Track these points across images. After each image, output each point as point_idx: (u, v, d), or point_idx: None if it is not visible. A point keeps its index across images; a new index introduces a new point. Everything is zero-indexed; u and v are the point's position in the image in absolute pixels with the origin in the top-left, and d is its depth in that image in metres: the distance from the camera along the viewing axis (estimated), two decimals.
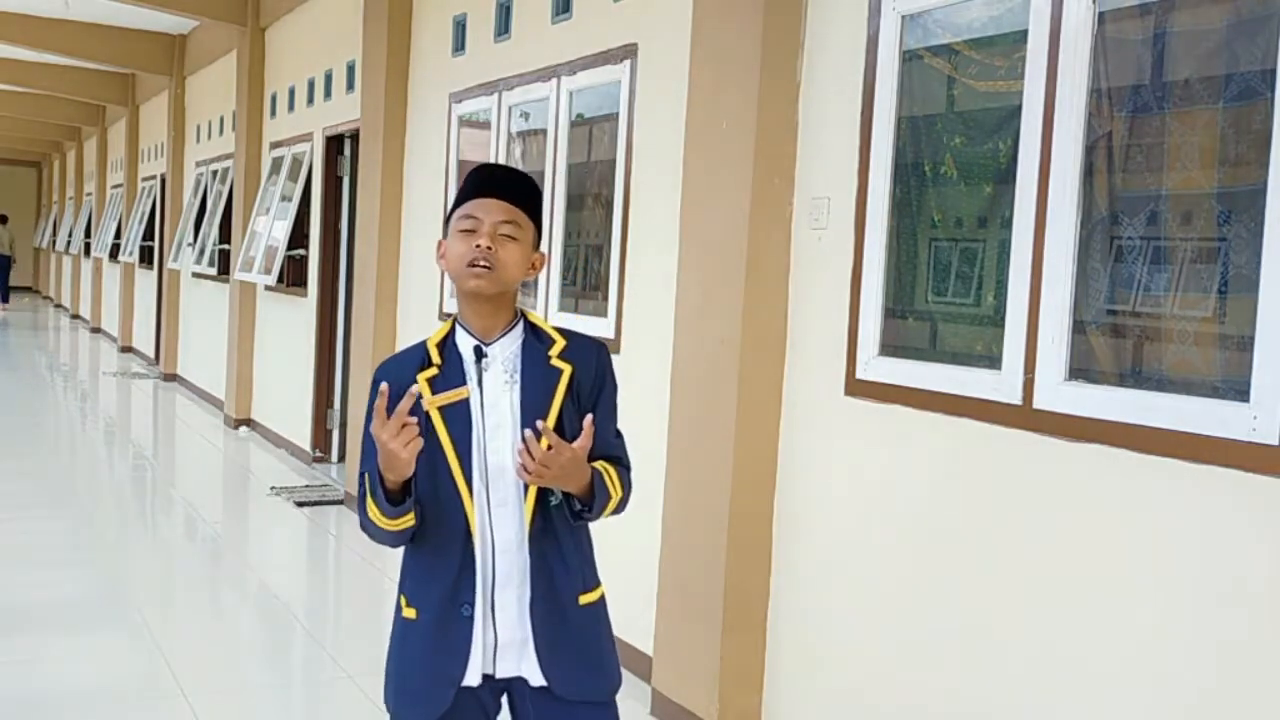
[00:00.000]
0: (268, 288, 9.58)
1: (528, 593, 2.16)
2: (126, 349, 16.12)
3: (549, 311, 5.17)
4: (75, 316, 22.17)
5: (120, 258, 15.89)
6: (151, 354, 14.67)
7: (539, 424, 2.03)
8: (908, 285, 3.38)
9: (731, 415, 3.69)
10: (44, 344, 18.36)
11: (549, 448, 2.01)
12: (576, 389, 2.18)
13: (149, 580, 5.77)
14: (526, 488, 2.14)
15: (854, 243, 3.45)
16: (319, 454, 8.54)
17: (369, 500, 2.12)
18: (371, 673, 4.54)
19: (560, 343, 2.20)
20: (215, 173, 11.58)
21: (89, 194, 20.17)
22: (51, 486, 7.77)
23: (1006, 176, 3.01)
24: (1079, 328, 2.83)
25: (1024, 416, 2.91)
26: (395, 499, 2.08)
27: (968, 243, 3.25)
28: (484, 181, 2.17)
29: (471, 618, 2.15)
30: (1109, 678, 2.70)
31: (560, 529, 2.17)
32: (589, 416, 2.08)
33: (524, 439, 2.03)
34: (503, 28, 5.70)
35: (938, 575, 3.17)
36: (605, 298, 4.71)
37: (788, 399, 3.72)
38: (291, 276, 9.07)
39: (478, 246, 2.09)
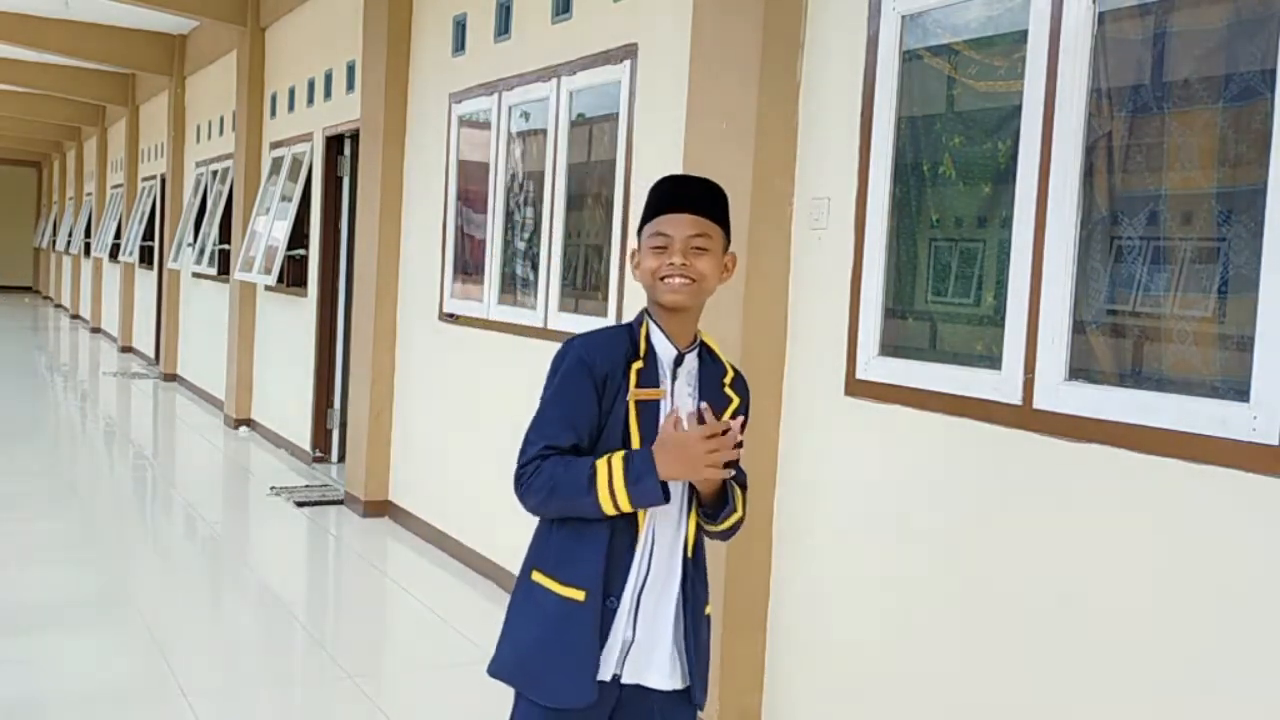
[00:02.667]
0: (268, 288, 9.58)
1: (674, 599, 2.21)
2: (126, 349, 16.12)
3: (549, 311, 5.18)
4: (75, 316, 22.18)
5: (120, 258, 15.90)
6: (151, 354, 14.67)
7: (703, 405, 2.12)
8: (908, 285, 3.38)
9: None
10: (44, 344, 18.35)
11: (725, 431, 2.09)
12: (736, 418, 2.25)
13: (149, 580, 5.77)
14: (692, 498, 2.21)
15: (854, 243, 3.45)
16: (319, 454, 8.54)
17: (612, 487, 2.07)
18: (372, 673, 4.55)
19: (730, 374, 2.31)
20: (215, 173, 11.58)
21: (89, 194, 20.18)
22: (51, 486, 7.77)
23: (1006, 176, 3.01)
24: (1079, 328, 2.83)
25: (1024, 416, 2.91)
26: (662, 495, 2.10)
27: (968, 243, 3.25)
28: (672, 195, 2.23)
29: (615, 611, 2.17)
30: (1109, 677, 2.70)
31: (703, 546, 2.26)
32: (739, 418, 2.16)
33: (705, 418, 2.09)
34: (503, 28, 5.70)
35: (938, 575, 3.17)
36: (605, 298, 4.71)
37: (788, 399, 3.72)
38: (291, 276, 9.07)
39: (671, 264, 2.16)
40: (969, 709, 3.06)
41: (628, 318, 4.53)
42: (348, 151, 8.25)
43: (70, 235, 22.07)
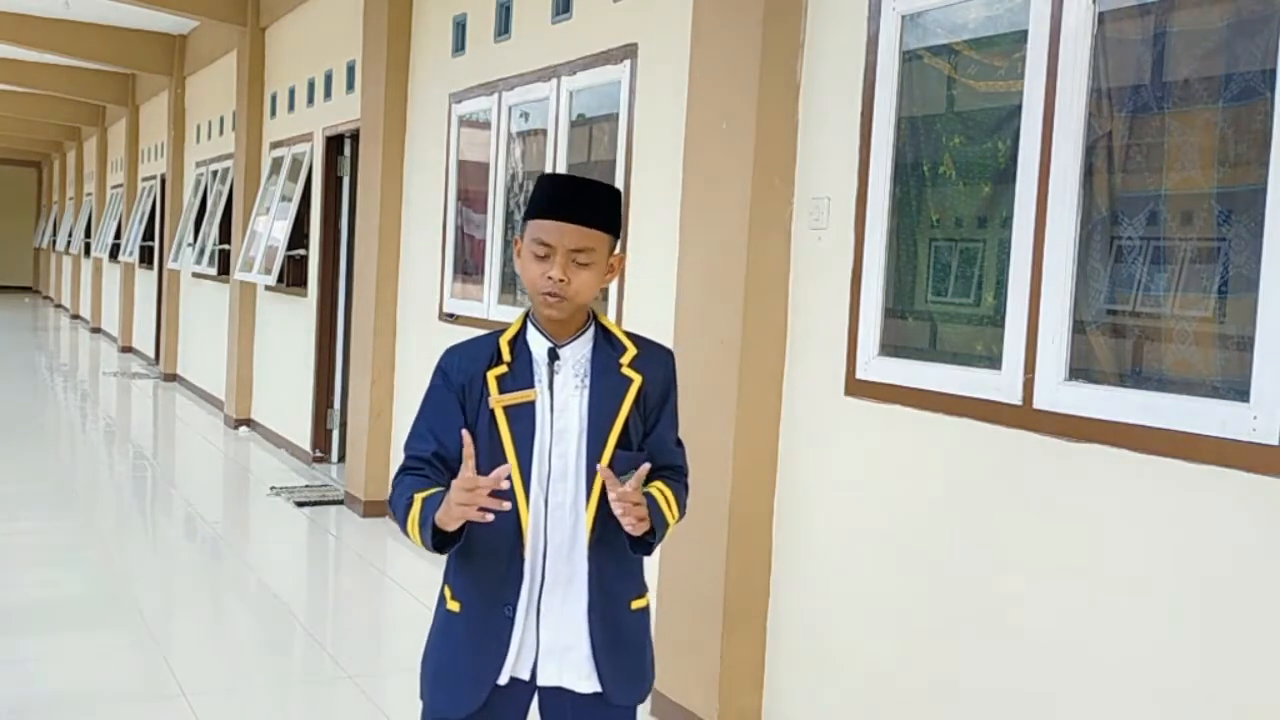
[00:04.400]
0: (268, 288, 9.58)
1: (583, 599, 2.16)
2: (126, 349, 16.12)
3: None
4: (75, 317, 22.17)
5: (120, 258, 15.90)
6: (151, 354, 14.67)
7: (599, 467, 2.07)
8: (908, 285, 3.38)
9: (731, 415, 3.69)
10: (44, 344, 18.35)
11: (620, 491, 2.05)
12: (643, 399, 2.19)
13: (149, 580, 5.77)
14: (589, 493, 2.14)
15: (854, 243, 3.45)
16: (319, 454, 8.54)
17: (412, 525, 2.09)
18: (372, 673, 4.55)
19: (631, 350, 2.21)
20: (215, 173, 11.58)
21: (89, 194, 20.18)
22: (51, 487, 7.77)
23: (1006, 176, 3.01)
24: (1079, 328, 2.83)
25: (1024, 416, 2.91)
26: (442, 541, 2.07)
27: (967, 243, 3.25)
28: (555, 201, 2.13)
29: (512, 619, 2.14)
30: (1109, 676, 2.70)
31: (619, 536, 2.14)
32: (645, 465, 2.08)
33: (606, 485, 2.05)
34: (503, 28, 5.70)
35: (938, 575, 3.17)
36: (605, 297, 4.71)
37: (788, 399, 3.72)
38: (291, 276, 9.07)
39: (549, 278, 2.10)
40: (969, 709, 3.05)
41: (628, 317, 4.55)
42: (348, 151, 8.25)
43: (70, 235, 22.07)
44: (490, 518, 1.99)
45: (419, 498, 2.09)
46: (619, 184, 4.59)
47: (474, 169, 6.01)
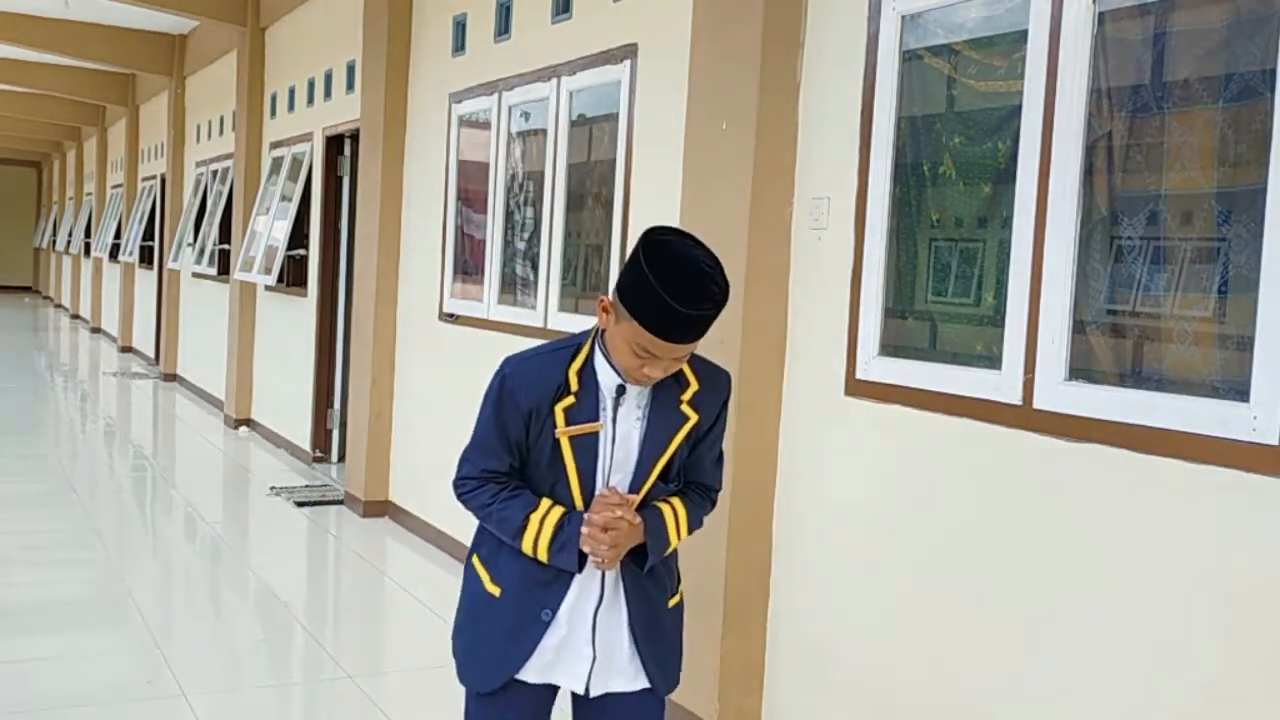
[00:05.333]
0: (268, 288, 9.58)
1: (623, 610, 2.28)
2: (126, 349, 16.12)
3: (549, 311, 5.18)
4: (75, 316, 22.17)
5: (120, 258, 15.90)
6: (151, 354, 14.67)
7: (617, 491, 2.22)
8: (908, 285, 3.38)
9: (731, 415, 3.68)
10: (44, 344, 18.35)
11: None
12: (696, 433, 2.28)
13: (149, 580, 5.77)
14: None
15: (854, 243, 3.45)
16: (319, 454, 8.54)
17: (536, 542, 2.20)
18: (371, 673, 4.55)
19: (693, 386, 2.26)
20: (215, 173, 11.58)
21: (89, 194, 20.18)
22: (51, 486, 7.77)
23: (1006, 176, 3.01)
24: (1079, 328, 2.83)
25: (1024, 416, 2.91)
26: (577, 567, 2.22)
27: (967, 243, 3.25)
28: (683, 324, 2.04)
29: (548, 625, 2.25)
30: (1109, 675, 2.70)
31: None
32: (642, 519, 2.23)
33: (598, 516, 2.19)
34: (503, 28, 5.70)
35: (938, 575, 3.17)
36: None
37: (788, 399, 3.72)
38: (291, 276, 9.07)
39: (646, 374, 2.13)
40: (968, 709, 3.05)
41: None
42: (348, 151, 8.25)
43: (70, 235, 22.07)
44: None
45: (546, 519, 2.20)
46: (619, 184, 4.59)
47: (474, 169, 6.01)
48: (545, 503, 2.22)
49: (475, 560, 2.38)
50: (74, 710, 4.04)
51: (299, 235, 8.85)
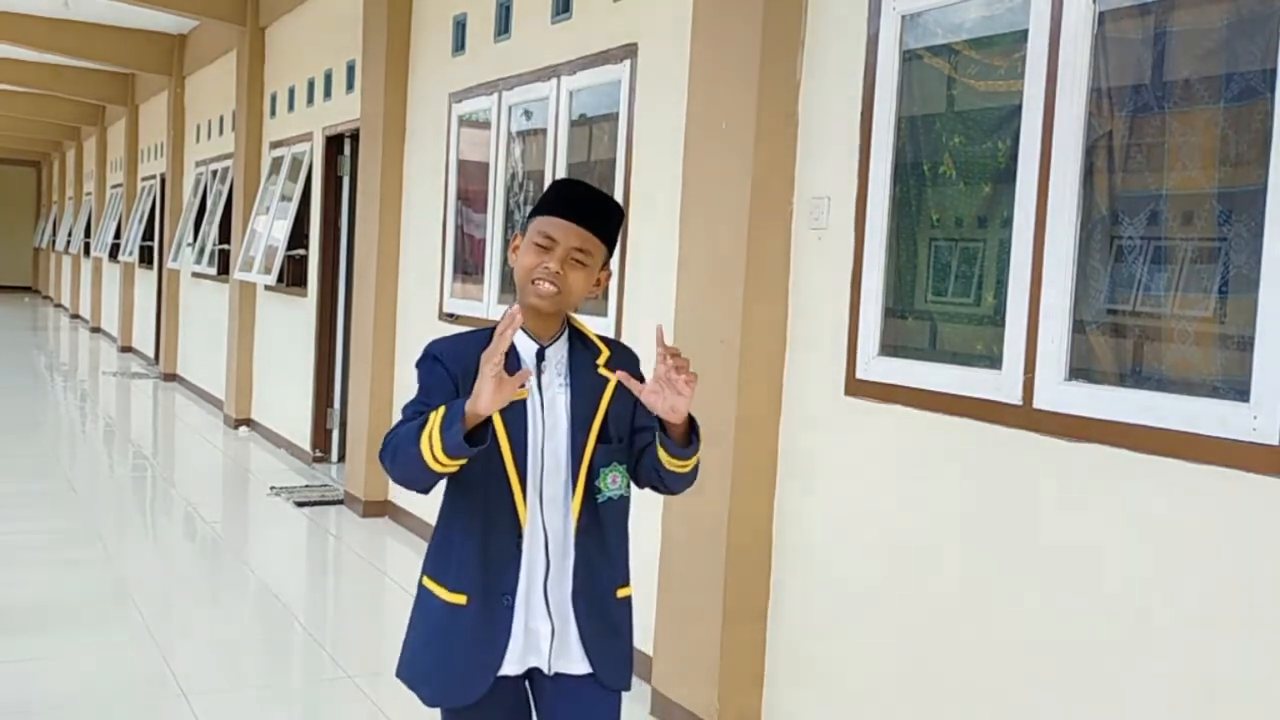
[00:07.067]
0: (268, 287, 9.58)
1: (568, 585, 2.25)
2: (126, 349, 16.12)
3: None
4: (75, 316, 22.17)
5: (120, 257, 15.90)
6: (151, 354, 14.67)
7: (619, 374, 2.17)
8: (908, 285, 3.38)
9: (731, 415, 3.69)
10: (43, 344, 18.35)
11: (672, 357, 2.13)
12: (619, 397, 2.28)
13: (149, 580, 5.77)
14: (574, 485, 2.23)
15: (854, 243, 3.45)
16: (319, 454, 8.54)
17: (430, 434, 2.06)
18: (371, 673, 4.54)
19: (605, 352, 2.31)
20: (215, 173, 11.58)
21: (89, 194, 20.18)
22: (51, 486, 7.77)
23: (1006, 176, 3.01)
24: (1079, 328, 2.83)
25: (1024, 416, 2.91)
26: (472, 439, 2.04)
27: (968, 243, 3.25)
28: (568, 202, 2.24)
29: (511, 608, 2.23)
30: (1109, 675, 2.70)
31: (605, 524, 2.26)
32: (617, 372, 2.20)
33: (663, 345, 2.12)
34: (503, 28, 5.70)
35: (938, 575, 3.17)
36: (605, 297, 4.71)
37: (788, 399, 3.72)
38: (291, 276, 9.07)
39: (546, 268, 2.18)
40: (969, 709, 3.06)
41: (628, 317, 4.55)
42: (348, 151, 8.25)
43: (70, 235, 22.07)
44: (526, 393, 2.15)
45: (438, 410, 2.09)
46: (619, 184, 4.59)
47: (474, 169, 6.01)
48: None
49: (425, 580, 2.36)
50: (74, 710, 4.04)
51: (299, 235, 8.85)
